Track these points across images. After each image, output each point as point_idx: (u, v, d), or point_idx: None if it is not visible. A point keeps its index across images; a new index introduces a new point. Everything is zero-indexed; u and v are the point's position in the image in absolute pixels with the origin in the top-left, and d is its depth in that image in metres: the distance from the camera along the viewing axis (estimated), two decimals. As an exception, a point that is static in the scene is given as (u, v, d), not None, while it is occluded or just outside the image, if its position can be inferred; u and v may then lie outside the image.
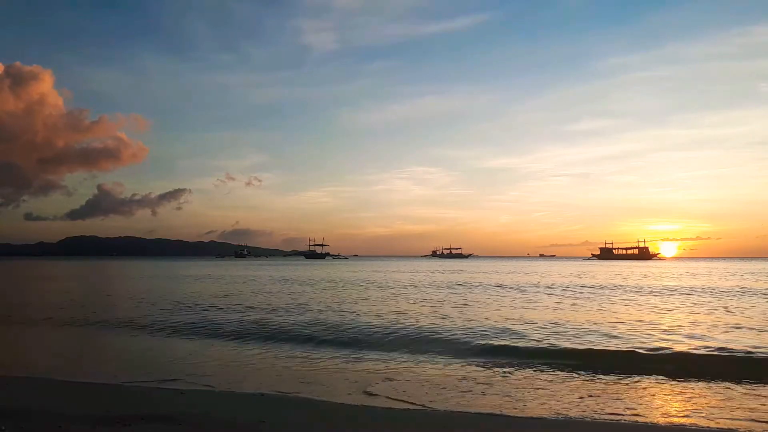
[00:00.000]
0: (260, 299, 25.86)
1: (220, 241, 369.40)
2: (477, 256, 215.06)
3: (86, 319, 18.45)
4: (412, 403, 8.22)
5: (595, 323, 16.38)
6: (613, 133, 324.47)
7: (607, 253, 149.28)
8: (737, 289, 31.58)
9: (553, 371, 10.30)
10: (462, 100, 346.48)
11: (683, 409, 7.94)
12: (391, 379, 9.84)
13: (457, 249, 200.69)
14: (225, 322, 17.30)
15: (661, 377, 9.77)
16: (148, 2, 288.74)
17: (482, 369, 10.64)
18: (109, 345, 14.28)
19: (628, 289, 32.21)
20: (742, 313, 19.30)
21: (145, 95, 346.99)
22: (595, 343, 12.77)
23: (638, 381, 9.57)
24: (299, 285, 37.68)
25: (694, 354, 11.37)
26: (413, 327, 15.57)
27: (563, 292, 29.91)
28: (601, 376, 9.87)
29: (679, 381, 9.51)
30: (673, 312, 19.79)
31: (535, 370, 10.41)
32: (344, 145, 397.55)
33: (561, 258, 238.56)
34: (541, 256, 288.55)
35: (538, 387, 9.23)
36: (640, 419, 7.42)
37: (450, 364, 11.13)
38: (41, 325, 17.43)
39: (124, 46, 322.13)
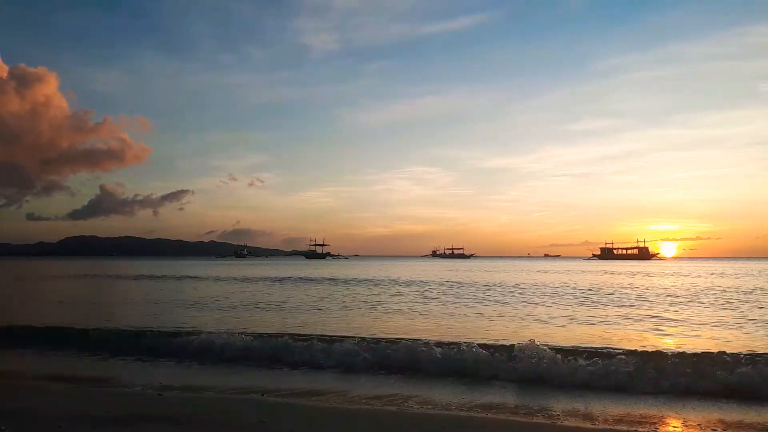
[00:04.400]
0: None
1: (220, 241, 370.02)
2: (479, 256, 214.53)
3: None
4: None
5: None
6: (613, 133, 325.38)
7: (607, 253, 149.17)
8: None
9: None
10: (462, 100, 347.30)
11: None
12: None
13: (459, 249, 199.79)
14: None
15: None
16: (148, 3, 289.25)
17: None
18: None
19: None
20: None
21: (146, 96, 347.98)
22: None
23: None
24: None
25: None
26: None
27: None
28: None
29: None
30: None
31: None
32: (344, 145, 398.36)
33: (564, 258, 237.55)
34: (546, 256, 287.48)
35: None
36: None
37: None
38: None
39: (126, 47, 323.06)
